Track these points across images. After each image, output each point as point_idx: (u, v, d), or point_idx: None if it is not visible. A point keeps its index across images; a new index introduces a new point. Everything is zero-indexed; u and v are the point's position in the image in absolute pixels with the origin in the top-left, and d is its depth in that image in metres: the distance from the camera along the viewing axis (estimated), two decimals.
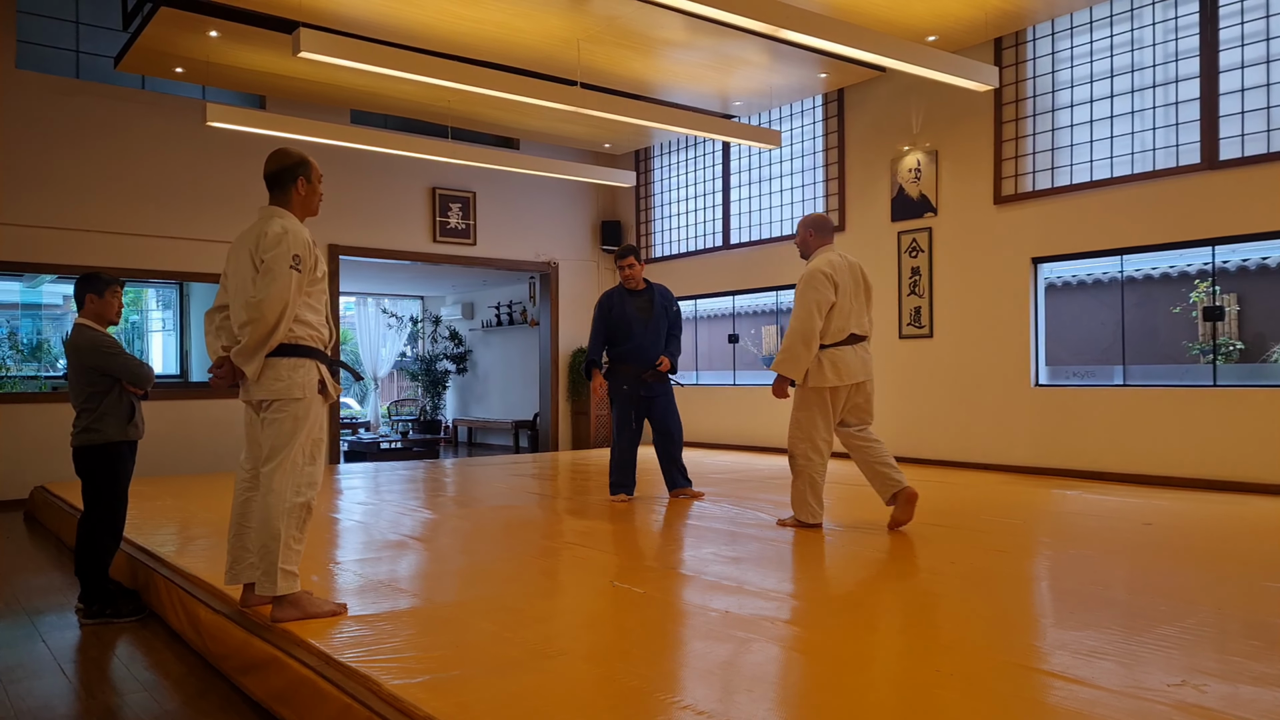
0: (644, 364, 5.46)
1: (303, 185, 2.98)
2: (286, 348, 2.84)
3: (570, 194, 10.48)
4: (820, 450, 4.38)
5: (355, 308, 13.93)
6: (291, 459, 2.83)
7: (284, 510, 2.79)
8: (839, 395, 4.38)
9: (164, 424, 7.62)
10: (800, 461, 4.40)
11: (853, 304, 4.38)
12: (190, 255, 7.98)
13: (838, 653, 2.55)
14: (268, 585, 2.78)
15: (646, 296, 5.57)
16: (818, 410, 4.37)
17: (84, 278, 3.79)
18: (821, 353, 4.32)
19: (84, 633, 3.54)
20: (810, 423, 4.38)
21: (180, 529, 4.74)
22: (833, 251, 4.48)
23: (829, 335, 4.33)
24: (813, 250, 4.52)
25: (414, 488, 6.55)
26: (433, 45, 6.85)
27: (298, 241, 2.84)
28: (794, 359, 4.31)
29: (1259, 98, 5.82)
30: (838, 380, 4.31)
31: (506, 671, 2.37)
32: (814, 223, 4.56)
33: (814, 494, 4.40)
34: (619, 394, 5.50)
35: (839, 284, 4.32)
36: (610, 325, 5.50)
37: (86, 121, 7.54)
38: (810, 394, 4.38)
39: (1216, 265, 6.16)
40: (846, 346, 4.34)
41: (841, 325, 4.33)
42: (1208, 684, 2.21)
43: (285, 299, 2.78)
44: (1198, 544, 4.07)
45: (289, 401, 2.83)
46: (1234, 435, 5.87)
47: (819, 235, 4.53)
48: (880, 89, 7.99)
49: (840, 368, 4.31)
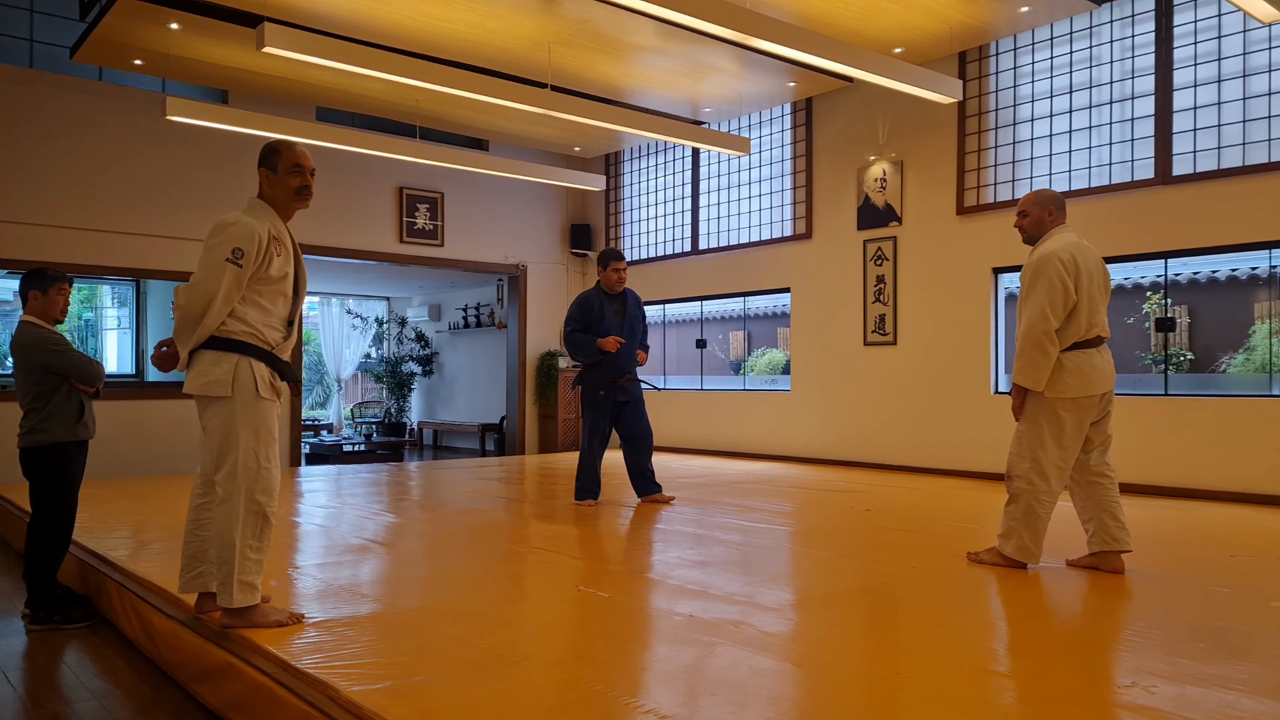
0: (619, 370, 5.37)
1: (265, 176, 2.83)
2: (215, 340, 2.70)
3: (539, 196, 10.45)
4: (1046, 475, 3.54)
5: (319, 308, 13.75)
6: (242, 463, 2.68)
7: (238, 519, 2.67)
8: (1083, 410, 3.50)
9: (119, 425, 7.46)
10: (1019, 484, 3.60)
11: (1099, 295, 3.55)
12: (147, 251, 7.82)
13: (801, 656, 2.57)
14: (225, 597, 2.70)
15: (621, 301, 5.51)
16: (1049, 426, 3.53)
17: (29, 274, 3.70)
18: (1065, 355, 3.50)
19: (31, 639, 3.45)
20: (1037, 439, 3.55)
21: (134, 533, 4.64)
22: (1070, 232, 3.62)
23: (1075, 334, 3.50)
24: (1047, 230, 3.65)
25: (377, 491, 6.48)
26: (402, 44, 6.79)
27: (243, 235, 2.68)
28: (1032, 365, 3.49)
29: (1210, 115, 5.98)
30: (1081, 390, 3.47)
31: (469, 677, 2.35)
32: (1054, 199, 3.66)
33: (1029, 527, 3.57)
34: (594, 400, 5.40)
35: (1081, 270, 3.47)
36: (588, 327, 5.38)
37: (41, 113, 7.36)
38: (1044, 405, 3.53)
39: (1169, 278, 6.32)
40: (1093, 350, 3.52)
41: (1092, 319, 3.51)
42: (1156, 685, 2.26)
43: (212, 291, 2.64)
44: (1148, 549, 4.17)
45: (214, 400, 2.70)
46: (1184, 443, 6.02)
47: (1059, 212, 3.65)
48: (848, 99, 8.09)
49: (1089, 374, 3.48)
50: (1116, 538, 3.58)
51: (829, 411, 8.18)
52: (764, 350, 9.50)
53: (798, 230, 8.55)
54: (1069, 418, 3.51)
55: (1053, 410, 3.52)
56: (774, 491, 6.19)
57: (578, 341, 5.33)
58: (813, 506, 5.40)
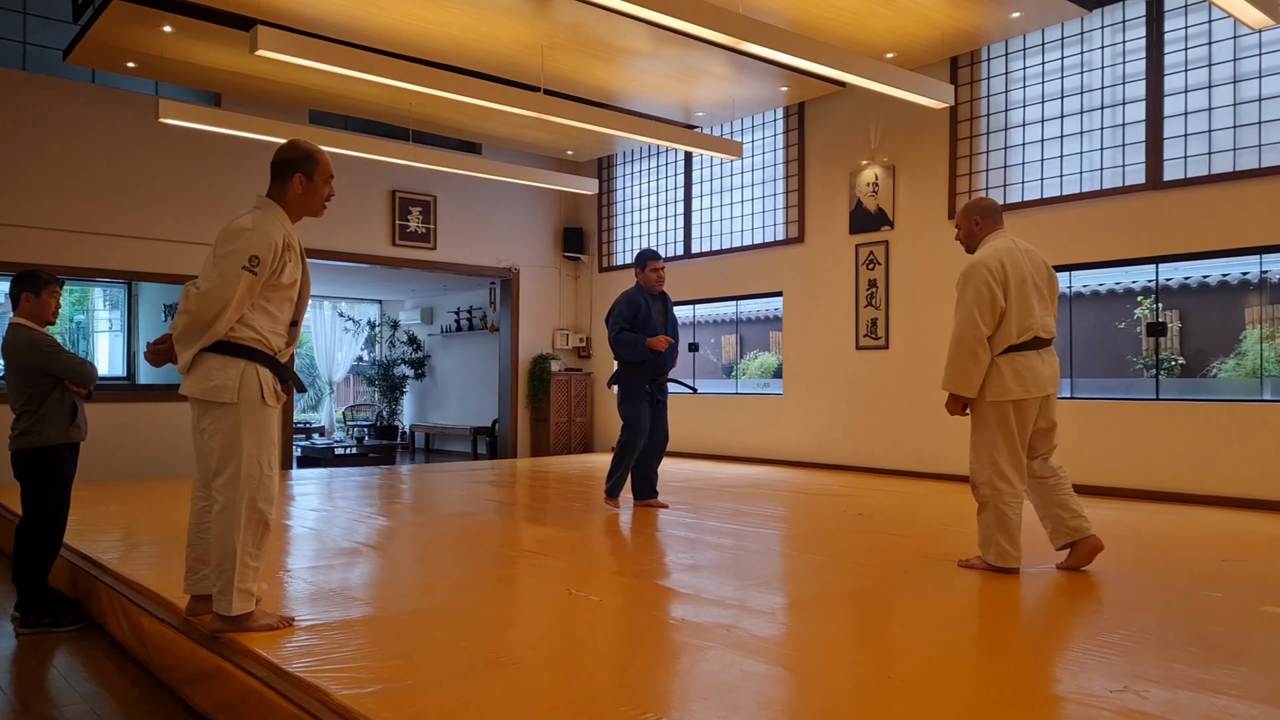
0: (660, 369, 5.33)
1: (300, 182, 2.78)
2: (222, 344, 2.66)
3: (532, 200, 10.45)
4: (1008, 477, 3.58)
5: (312, 311, 13.72)
6: (245, 471, 2.65)
7: (239, 526, 2.66)
8: (1025, 411, 3.61)
9: (110, 427, 7.42)
10: (984, 491, 3.62)
11: (1033, 298, 3.62)
12: (139, 254, 7.79)
13: (793, 660, 2.57)
14: (223, 603, 2.68)
15: (662, 301, 5.48)
16: (999, 428, 3.60)
17: (21, 275, 3.68)
18: (1001, 359, 3.59)
19: (20, 642, 3.43)
20: (992, 444, 3.61)
21: (125, 536, 4.62)
22: (1004, 238, 3.71)
23: (1006, 339, 3.58)
24: (979, 240, 3.76)
25: (369, 494, 6.46)
26: (395, 47, 6.79)
27: (260, 242, 2.63)
28: (963, 372, 3.58)
29: (1201, 121, 6.02)
30: (1022, 392, 3.57)
31: (460, 681, 2.34)
32: (980, 208, 3.77)
33: (1004, 531, 3.57)
34: (638, 395, 5.29)
35: (1010, 278, 3.57)
36: (635, 326, 5.27)
37: (33, 115, 7.34)
38: (989, 409, 3.61)
39: (1160, 283, 6.35)
40: (1032, 351, 3.61)
41: (1025, 323, 3.59)
42: (1148, 690, 2.27)
43: (226, 299, 2.59)
44: (1140, 553, 4.18)
45: (216, 406, 2.65)
46: (1175, 448, 6.04)
47: (986, 220, 3.75)
48: (840, 104, 8.11)
49: (1025, 376, 3.57)
50: (1075, 527, 3.62)
51: (821, 415, 8.19)
52: (756, 354, 9.51)
53: (790, 234, 8.57)
54: (1014, 419, 3.61)
55: (1000, 413, 3.60)
56: (766, 495, 6.20)
57: (627, 340, 5.23)
58: (804, 510, 5.41)
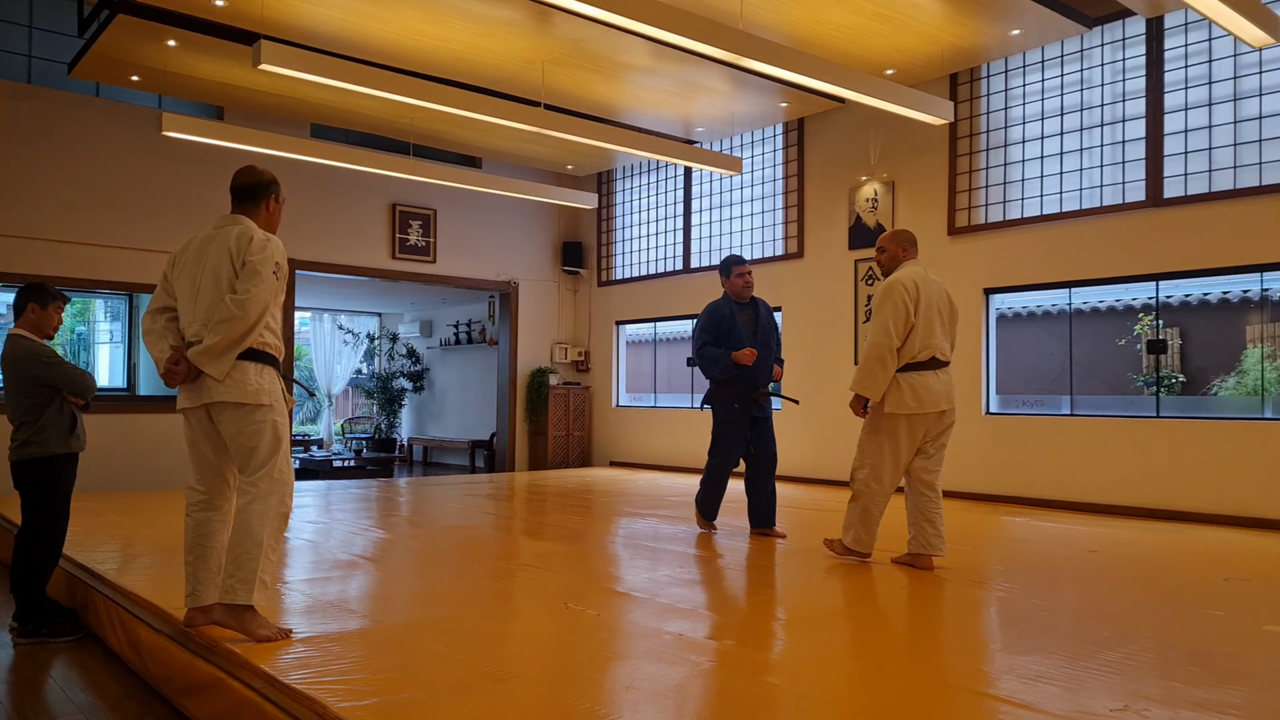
0: (753, 385, 4.87)
1: (272, 203, 3.04)
2: (254, 352, 2.85)
3: (532, 214, 10.48)
4: (881, 480, 3.99)
5: (311, 323, 13.73)
6: (279, 467, 2.84)
7: (269, 518, 2.80)
8: (917, 425, 3.94)
9: (109, 438, 7.42)
10: (859, 486, 4.05)
11: (936, 322, 3.97)
12: (141, 266, 7.81)
13: (791, 677, 2.56)
14: (242, 593, 2.74)
15: (752, 310, 5.02)
16: (887, 438, 3.97)
17: (29, 287, 3.72)
18: (901, 376, 3.93)
19: (18, 652, 3.41)
20: (876, 449, 4.00)
21: (122, 546, 4.60)
22: (919, 266, 4.09)
23: (908, 355, 3.93)
24: (899, 264, 4.14)
25: (367, 507, 6.45)
26: (397, 62, 6.83)
27: (280, 251, 2.91)
28: (871, 376, 3.92)
29: (1201, 139, 6.05)
30: (918, 407, 3.90)
31: (456, 694, 2.33)
32: (904, 237, 4.16)
33: (864, 523, 4.04)
34: (730, 414, 4.91)
35: (920, 300, 3.93)
36: (720, 339, 4.90)
37: (38, 128, 7.37)
38: (883, 419, 3.97)
39: (1160, 300, 6.36)
40: (929, 371, 3.94)
41: (926, 342, 3.93)
42: (1149, 709, 2.26)
43: (266, 300, 2.82)
44: (1141, 571, 4.17)
45: (260, 408, 2.84)
46: (1175, 466, 6.03)
47: (910, 249, 4.14)
48: (840, 120, 8.15)
49: (922, 393, 3.90)
50: (931, 544, 4.01)
51: (819, 431, 8.18)
52: None
53: (789, 249, 8.59)
54: (904, 431, 3.96)
55: (891, 424, 3.96)
56: None
57: (710, 355, 4.88)
58: (802, 526, 5.39)
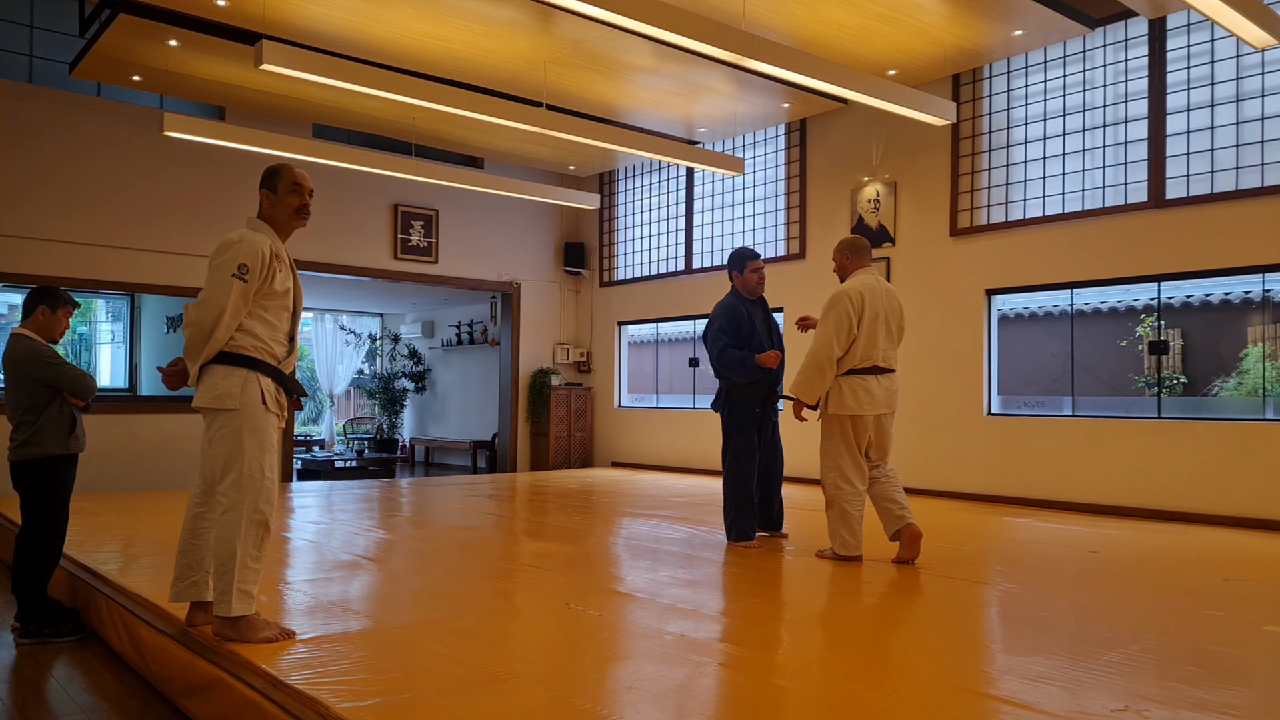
0: (770, 387, 4.75)
1: (266, 197, 2.95)
2: (225, 355, 2.80)
3: (534, 215, 10.49)
4: (850, 479, 4.18)
5: (313, 324, 13.74)
6: (247, 474, 2.75)
7: (240, 528, 2.73)
8: (861, 425, 4.18)
9: (111, 438, 7.43)
10: (830, 491, 4.24)
11: (880, 332, 4.17)
12: (143, 266, 7.82)
13: (791, 676, 2.56)
14: (224, 605, 2.72)
15: (762, 307, 4.88)
16: (841, 438, 4.20)
17: (43, 289, 3.75)
18: (843, 380, 4.16)
19: (20, 653, 3.42)
20: (834, 451, 4.23)
21: (124, 546, 4.61)
22: (870, 274, 4.26)
23: (850, 362, 4.15)
24: (850, 272, 4.32)
25: (368, 507, 6.45)
26: (399, 62, 6.84)
27: (247, 251, 2.79)
28: (808, 382, 4.16)
29: (1204, 140, 6.04)
30: (858, 409, 4.13)
31: (458, 694, 2.33)
32: (849, 245, 4.32)
33: (846, 525, 4.18)
34: (748, 418, 4.71)
35: (866, 310, 4.12)
36: (742, 341, 4.67)
37: (39, 128, 7.38)
38: (831, 422, 4.23)
39: (1162, 301, 6.35)
40: (871, 376, 4.16)
41: (868, 352, 4.14)
42: (1150, 709, 2.26)
43: (222, 305, 2.74)
44: (1141, 572, 4.17)
45: (223, 413, 2.78)
46: (1176, 467, 6.03)
47: (856, 257, 4.31)
48: (842, 120, 8.15)
49: (862, 396, 4.13)
50: (899, 515, 4.15)
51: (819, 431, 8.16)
52: None
53: (791, 250, 8.59)
54: (851, 430, 4.19)
55: (840, 425, 4.20)
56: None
57: (732, 359, 4.62)
58: (803, 527, 5.39)
